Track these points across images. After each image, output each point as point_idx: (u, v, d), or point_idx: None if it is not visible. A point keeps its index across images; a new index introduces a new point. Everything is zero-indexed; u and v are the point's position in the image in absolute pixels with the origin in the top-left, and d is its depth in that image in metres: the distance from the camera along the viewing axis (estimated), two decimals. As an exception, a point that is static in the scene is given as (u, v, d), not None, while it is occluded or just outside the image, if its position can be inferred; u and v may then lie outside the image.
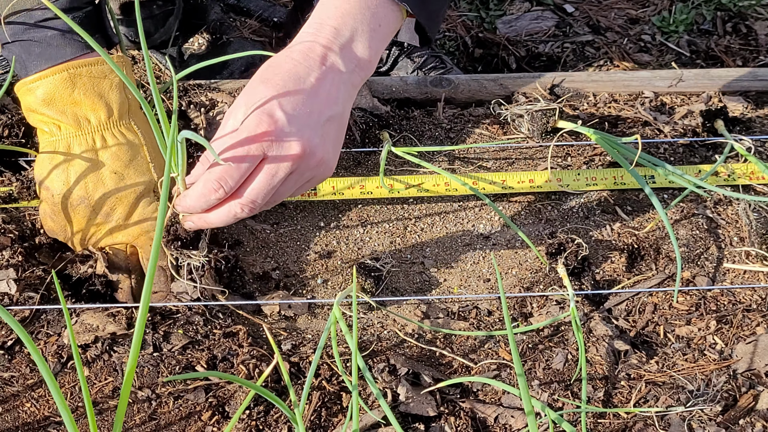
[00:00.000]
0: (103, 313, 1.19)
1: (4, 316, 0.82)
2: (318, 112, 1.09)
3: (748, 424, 1.10)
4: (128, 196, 1.23)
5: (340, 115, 1.13)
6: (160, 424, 1.08)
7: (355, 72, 1.14)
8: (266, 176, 1.07)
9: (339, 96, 1.12)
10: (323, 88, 1.10)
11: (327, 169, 1.13)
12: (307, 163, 1.09)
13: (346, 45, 1.13)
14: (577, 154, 1.54)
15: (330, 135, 1.11)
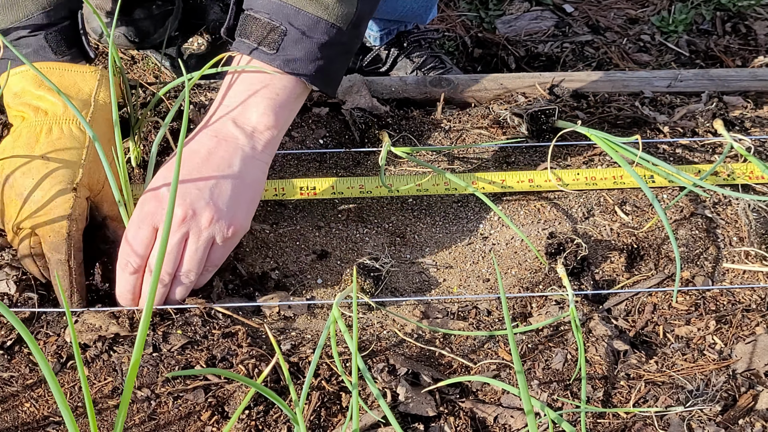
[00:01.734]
0: (105, 313, 1.19)
1: (6, 314, 0.82)
2: (206, 177, 1.18)
3: (747, 424, 1.10)
4: (46, 183, 1.21)
5: (237, 176, 1.20)
6: (159, 424, 1.08)
7: (254, 137, 1.23)
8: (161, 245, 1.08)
9: (233, 161, 1.20)
10: (215, 156, 1.20)
11: (228, 227, 1.19)
12: (197, 223, 1.17)
13: (238, 116, 1.23)
14: (577, 154, 1.54)
15: (222, 195, 1.18)
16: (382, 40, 1.92)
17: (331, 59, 1.26)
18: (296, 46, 1.22)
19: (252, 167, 1.22)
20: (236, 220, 1.19)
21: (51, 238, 1.19)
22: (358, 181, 1.44)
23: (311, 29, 1.22)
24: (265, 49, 1.22)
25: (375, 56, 1.97)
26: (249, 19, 1.24)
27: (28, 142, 1.23)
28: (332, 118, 1.58)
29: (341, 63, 1.31)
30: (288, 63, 1.22)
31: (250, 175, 1.22)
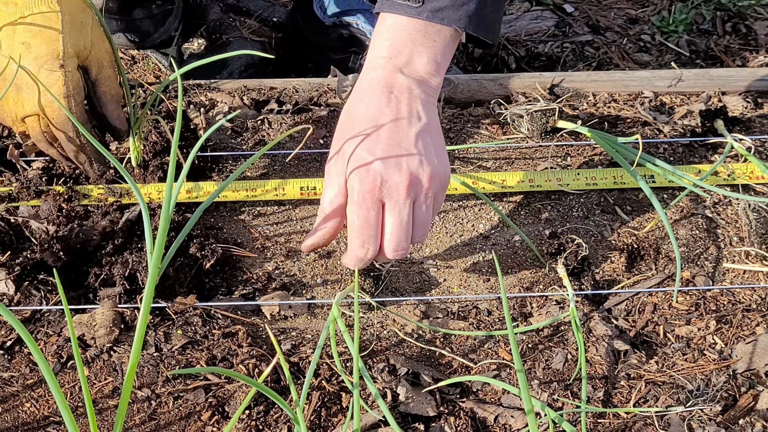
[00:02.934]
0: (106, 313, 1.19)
1: (6, 315, 0.82)
2: (405, 136, 1.15)
3: (747, 424, 1.10)
4: (31, 66, 1.24)
5: (427, 125, 1.18)
6: (159, 424, 1.08)
7: (422, 86, 1.20)
8: (394, 219, 1.14)
9: (416, 111, 1.18)
10: (401, 111, 1.17)
11: (443, 177, 1.18)
12: (420, 185, 1.15)
13: (405, 66, 1.19)
14: (576, 154, 1.54)
15: (427, 147, 1.17)
16: None
17: (481, 2, 1.23)
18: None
19: (432, 113, 1.21)
20: (445, 168, 1.19)
21: (56, 119, 1.26)
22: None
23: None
24: (408, 2, 1.19)
25: (375, 56, 1.98)
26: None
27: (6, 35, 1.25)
28: (332, 118, 1.58)
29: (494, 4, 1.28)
30: (436, 13, 1.19)
31: (434, 120, 1.20)
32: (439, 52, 1.21)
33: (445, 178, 1.18)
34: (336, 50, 1.99)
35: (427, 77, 1.21)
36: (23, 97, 1.25)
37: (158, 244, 0.91)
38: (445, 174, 1.18)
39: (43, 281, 1.25)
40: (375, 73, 1.19)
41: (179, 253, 1.30)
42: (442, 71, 1.22)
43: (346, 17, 1.91)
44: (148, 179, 1.41)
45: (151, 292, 0.89)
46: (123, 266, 1.26)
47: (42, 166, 1.41)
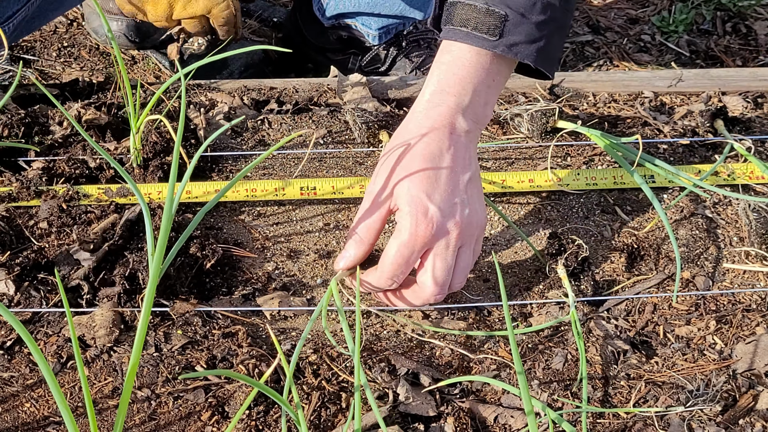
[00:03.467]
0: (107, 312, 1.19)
1: (5, 315, 0.82)
2: (458, 183, 1.17)
3: (747, 424, 1.10)
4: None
5: (475, 173, 1.20)
6: (159, 424, 1.08)
7: (477, 129, 1.21)
8: (441, 265, 1.16)
9: (470, 156, 1.19)
10: (458, 157, 1.17)
11: (483, 224, 1.21)
12: (467, 234, 1.17)
13: (468, 107, 1.19)
14: (576, 154, 1.54)
15: (473, 196, 1.18)
16: (381, 39, 1.92)
17: (549, 38, 1.24)
18: (516, 29, 1.19)
19: (476, 157, 1.22)
20: (485, 216, 1.21)
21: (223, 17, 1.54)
22: (358, 181, 1.44)
23: (529, 10, 1.19)
24: (484, 35, 1.19)
25: (374, 56, 1.97)
26: (461, 6, 1.21)
27: None
28: (332, 118, 1.58)
29: (558, 41, 1.28)
30: (511, 48, 1.20)
31: (478, 166, 1.22)
32: (496, 92, 1.23)
33: (484, 225, 1.21)
34: (335, 51, 1.99)
35: (482, 120, 1.22)
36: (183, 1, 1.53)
37: (159, 244, 0.91)
38: (485, 222, 1.21)
39: (42, 281, 1.25)
40: (438, 110, 1.19)
41: (180, 253, 1.30)
42: (490, 114, 1.24)
43: (345, 19, 1.91)
44: (148, 179, 1.41)
45: (152, 293, 0.89)
46: (123, 266, 1.26)
47: (42, 166, 1.41)
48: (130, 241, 1.30)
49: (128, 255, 1.27)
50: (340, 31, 1.94)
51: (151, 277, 0.90)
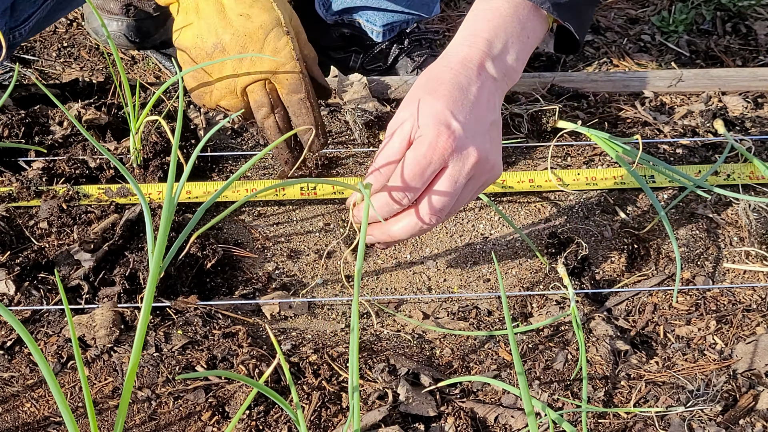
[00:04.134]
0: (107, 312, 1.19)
1: (5, 315, 0.82)
2: (483, 119, 1.13)
3: (748, 424, 1.10)
4: (257, 32, 1.28)
5: (498, 121, 1.17)
6: (160, 424, 1.08)
7: (504, 81, 1.19)
8: (448, 182, 1.10)
9: (495, 103, 1.17)
10: (483, 96, 1.14)
11: (497, 172, 1.17)
12: (482, 168, 1.13)
13: (498, 56, 1.17)
14: (577, 154, 1.54)
15: (495, 140, 1.16)
16: (385, 36, 1.92)
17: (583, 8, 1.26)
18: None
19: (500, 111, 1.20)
20: (501, 166, 1.18)
21: (288, 81, 1.30)
22: (358, 181, 1.44)
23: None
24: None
25: (376, 54, 1.97)
26: None
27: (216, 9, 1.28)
28: (332, 118, 1.58)
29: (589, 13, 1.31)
30: (557, 7, 1.20)
31: (500, 119, 1.19)
32: (527, 50, 1.21)
33: (497, 173, 1.17)
34: (337, 49, 1.99)
35: (510, 75, 1.20)
36: (246, 65, 1.29)
37: (159, 244, 0.91)
38: (498, 170, 1.16)
39: (43, 280, 1.25)
40: (470, 50, 1.16)
41: (180, 253, 1.30)
42: (522, 68, 1.22)
43: (349, 15, 1.91)
44: (149, 179, 1.41)
45: (152, 292, 0.89)
46: (123, 266, 1.26)
47: (42, 166, 1.41)
48: (131, 240, 1.30)
49: (128, 255, 1.27)
50: (342, 29, 1.93)
51: (150, 276, 0.90)
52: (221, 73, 1.30)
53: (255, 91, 1.31)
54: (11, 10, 1.55)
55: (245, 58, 1.29)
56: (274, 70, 1.29)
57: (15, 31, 1.60)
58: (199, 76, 1.32)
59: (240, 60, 1.29)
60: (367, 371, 1.15)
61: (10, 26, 1.57)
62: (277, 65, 1.29)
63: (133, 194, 1.37)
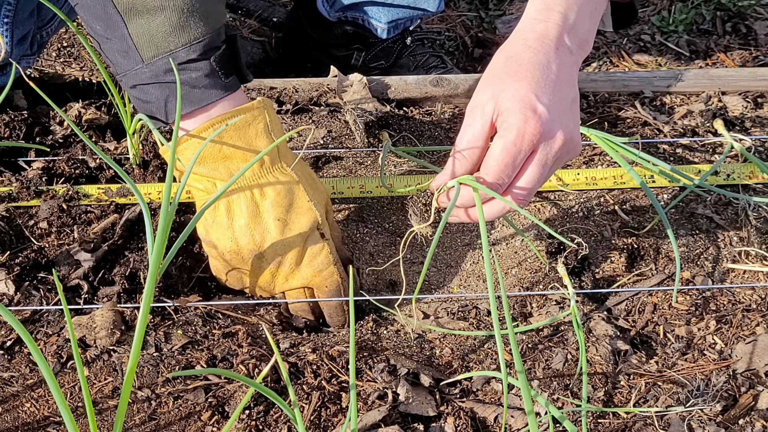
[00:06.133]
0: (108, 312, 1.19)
1: (5, 315, 0.82)
2: (565, 97, 1.12)
3: (747, 424, 1.10)
4: (295, 241, 1.23)
5: (577, 97, 1.16)
6: (159, 424, 1.08)
7: (580, 53, 1.17)
8: (538, 168, 1.09)
9: (574, 78, 1.15)
10: (563, 73, 1.13)
11: (578, 149, 1.15)
12: (567, 149, 1.11)
13: (572, 29, 1.15)
14: (576, 154, 1.54)
15: (576, 117, 1.14)
16: (389, 33, 1.92)
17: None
18: None
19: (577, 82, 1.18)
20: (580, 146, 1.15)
21: (327, 288, 1.26)
22: (358, 180, 1.44)
23: None
24: None
25: (378, 52, 1.97)
26: None
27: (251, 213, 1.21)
28: (332, 118, 1.58)
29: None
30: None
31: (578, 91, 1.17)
32: (596, 21, 1.19)
33: (578, 150, 1.15)
34: (339, 47, 1.99)
35: (584, 47, 1.18)
36: (284, 272, 1.25)
37: (158, 243, 0.91)
38: (579, 146, 1.14)
39: (42, 280, 1.25)
40: (546, 25, 1.14)
41: (180, 253, 1.30)
42: (591, 44, 1.20)
43: (354, 12, 1.90)
44: (148, 179, 1.41)
45: (151, 292, 0.89)
46: (123, 265, 1.26)
47: (42, 166, 1.41)
48: (131, 240, 1.30)
49: (128, 254, 1.27)
50: (345, 26, 1.93)
51: (149, 276, 0.90)
52: (257, 276, 1.25)
53: (294, 296, 1.28)
54: (38, 11, 1.56)
55: (284, 264, 1.24)
56: (311, 278, 1.26)
57: (43, 30, 1.61)
58: (234, 275, 1.27)
59: (278, 265, 1.24)
60: (367, 371, 1.15)
61: (38, 26, 1.59)
62: (315, 272, 1.25)
63: (134, 194, 1.37)
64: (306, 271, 1.25)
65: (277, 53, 2.11)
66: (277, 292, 1.27)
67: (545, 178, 1.11)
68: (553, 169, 1.12)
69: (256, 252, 1.22)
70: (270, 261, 1.23)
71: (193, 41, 1.17)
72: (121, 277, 1.24)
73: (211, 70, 1.19)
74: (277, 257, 1.23)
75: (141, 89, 1.19)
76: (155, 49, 1.16)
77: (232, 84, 1.21)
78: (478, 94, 1.12)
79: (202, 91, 1.18)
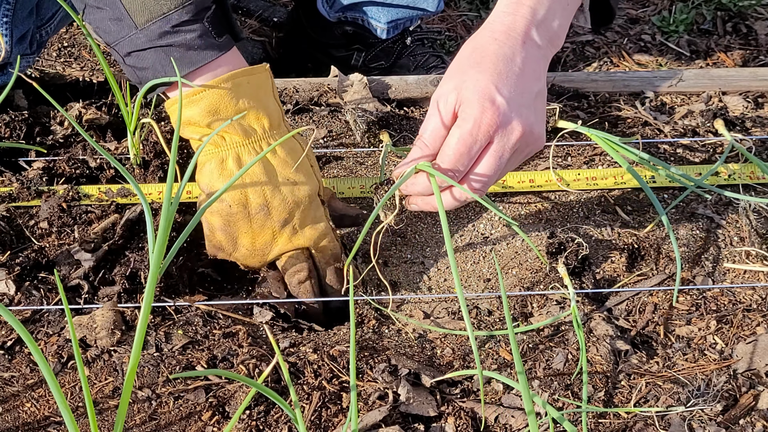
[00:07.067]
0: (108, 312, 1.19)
1: (5, 315, 0.82)
2: (528, 90, 1.13)
3: (748, 424, 1.10)
4: (303, 200, 1.24)
5: (543, 89, 1.17)
6: (160, 424, 1.08)
7: (549, 48, 1.18)
8: (494, 158, 1.11)
9: (540, 71, 1.16)
10: (528, 66, 1.14)
11: (541, 143, 1.16)
12: (526, 141, 1.12)
13: (542, 22, 1.16)
14: (577, 154, 1.54)
15: (539, 110, 1.15)
16: (389, 34, 1.92)
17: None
18: None
19: (545, 78, 1.19)
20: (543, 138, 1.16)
21: (331, 251, 1.27)
22: (358, 180, 1.44)
23: None
24: None
25: (378, 52, 1.97)
26: None
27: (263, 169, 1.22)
28: (333, 118, 1.58)
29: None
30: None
31: (545, 87, 1.18)
32: (568, 16, 1.20)
33: (540, 143, 1.16)
34: (339, 47, 1.99)
35: (554, 42, 1.19)
36: (286, 234, 1.24)
37: (159, 243, 0.91)
38: (542, 140, 1.16)
39: (43, 280, 1.25)
40: (514, 18, 1.15)
41: (181, 252, 1.30)
42: (563, 40, 1.21)
43: (354, 12, 1.90)
44: (149, 179, 1.41)
45: (152, 292, 0.89)
46: (124, 265, 1.26)
47: (42, 166, 1.41)
48: (131, 240, 1.30)
49: (129, 254, 1.27)
50: (345, 26, 1.93)
51: (150, 276, 0.90)
52: (258, 235, 1.24)
53: (296, 256, 1.26)
54: (37, 10, 1.57)
55: (289, 223, 1.23)
56: (316, 240, 1.26)
57: (42, 30, 1.61)
58: (231, 231, 1.25)
59: (283, 224, 1.24)
60: (368, 371, 1.15)
61: (37, 25, 1.59)
62: (320, 235, 1.26)
63: (134, 194, 1.37)
64: (310, 233, 1.25)
65: (277, 53, 2.12)
66: (272, 256, 1.26)
67: (503, 168, 1.13)
68: (513, 160, 1.14)
69: (264, 207, 1.22)
70: (276, 219, 1.23)
71: (185, 2, 1.18)
72: (122, 277, 1.24)
73: (204, 30, 1.20)
74: (284, 215, 1.23)
75: (136, 56, 1.20)
76: (148, 13, 1.17)
77: (226, 43, 1.23)
78: (443, 84, 1.14)
79: (197, 52, 1.19)
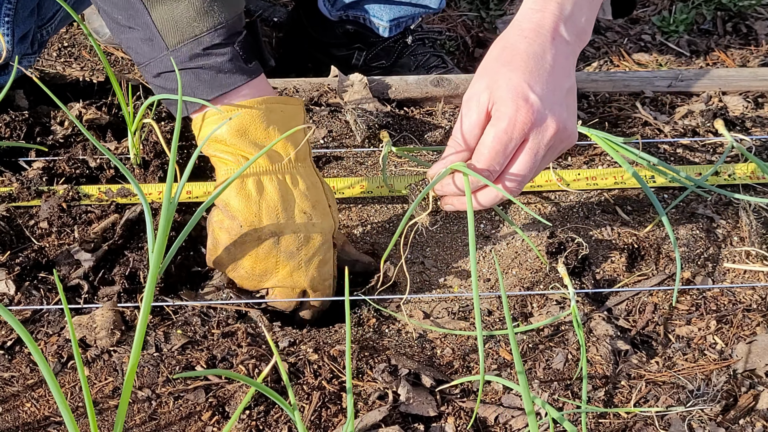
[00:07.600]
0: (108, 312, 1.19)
1: (5, 315, 0.82)
2: (559, 87, 1.13)
3: (748, 424, 1.10)
4: (315, 238, 1.22)
5: (574, 85, 1.17)
6: (160, 424, 1.08)
7: (577, 43, 1.18)
8: (529, 156, 1.11)
9: (570, 67, 1.16)
10: (558, 62, 1.14)
11: (573, 139, 1.16)
12: (560, 138, 1.13)
13: (569, 19, 1.16)
14: (577, 154, 1.54)
15: (571, 106, 1.15)
16: (391, 32, 1.92)
17: None
18: None
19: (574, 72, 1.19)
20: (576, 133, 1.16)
21: (322, 294, 1.27)
22: (358, 180, 1.44)
23: None
24: None
25: (379, 51, 1.97)
26: None
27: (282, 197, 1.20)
28: (333, 118, 1.58)
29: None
30: None
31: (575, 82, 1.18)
32: (594, 10, 1.20)
33: (573, 139, 1.16)
34: (340, 47, 1.98)
35: (582, 37, 1.19)
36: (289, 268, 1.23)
37: (158, 243, 0.91)
38: (575, 136, 1.16)
39: (43, 280, 1.25)
40: (542, 15, 1.15)
41: (180, 252, 1.30)
42: (589, 35, 1.21)
43: (355, 10, 1.90)
44: (149, 179, 1.41)
45: (151, 291, 0.89)
46: (123, 265, 1.26)
47: (42, 166, 1.41)
48: (131, 240, 1.30)
49: (128, 254, 1.27)
50: (347, 25, 1.93)
51: (150, 275, 0.90)
52: (261, 261, 1.23)
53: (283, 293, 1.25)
54: (38, 9, 1.57)
55: (295, 257, 1.22)
56: (315, 282, 1.25)
57: (43, 29, 1.61)
58: (235, 252, 1.23)
59: (289, 256, 1.22)
60: (368, 371, 1.15)
61: (38, 24, 1.59)
62: (321, 278, 1.25)
63: (134, 194, 1.37)
64: (313, 274, 1.24)
65: (277, 53, 2.12)
66: (267, 285, 1.25)
67: (538, 166, 1.13)
68: (547, 158, 1.14)
69: (275, 235, 1.21)
70: (283, 250, 1.22)
71: (217, 26, 1.17)
72: (121, 276, 1.24)
73: (234, 55, 1.19)
74: (292, 248, 1.22)
75: (166, 77, 1.20)
76: (180, 35, 1.17)
77: (255, 69, 1.22)
78: (474, 84, 1.14)
79: (227, 75, 1.19)
